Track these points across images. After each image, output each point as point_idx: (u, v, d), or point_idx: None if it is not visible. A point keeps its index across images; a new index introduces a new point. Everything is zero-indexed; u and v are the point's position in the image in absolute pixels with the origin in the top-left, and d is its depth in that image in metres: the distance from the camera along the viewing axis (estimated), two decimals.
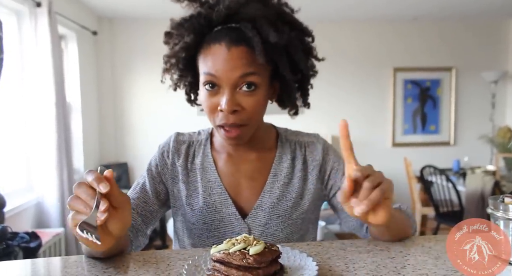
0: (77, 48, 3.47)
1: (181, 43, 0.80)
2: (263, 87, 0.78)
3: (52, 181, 2.73)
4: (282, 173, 0.89)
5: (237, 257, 0.59)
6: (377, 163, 4.11)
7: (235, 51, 0.75)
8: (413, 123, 4.46)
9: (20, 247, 1.87)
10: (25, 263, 0.78)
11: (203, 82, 0.78)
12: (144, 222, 0.86)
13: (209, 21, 0.78)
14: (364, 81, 4.37)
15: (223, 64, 0.74)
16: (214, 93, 0.77)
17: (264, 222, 0.85)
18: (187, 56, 0.81)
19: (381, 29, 4.33)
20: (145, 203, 0.87)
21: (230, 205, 0.86)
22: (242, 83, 0.75)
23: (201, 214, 0.86)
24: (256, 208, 0.86)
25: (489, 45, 4.43)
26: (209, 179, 0.88)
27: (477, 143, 4.16)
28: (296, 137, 0.93)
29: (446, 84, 4.44)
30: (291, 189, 0.88)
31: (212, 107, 0.78)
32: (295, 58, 0.80)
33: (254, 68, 0.75)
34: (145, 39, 4.03)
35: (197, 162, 0.90)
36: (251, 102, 0.76)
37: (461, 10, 3.96)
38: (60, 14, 2.95)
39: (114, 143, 4.11)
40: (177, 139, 0.92)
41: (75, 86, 3.47)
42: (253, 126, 0.81)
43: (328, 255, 0.72)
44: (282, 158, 0.90)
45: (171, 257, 0.73)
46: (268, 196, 0.86)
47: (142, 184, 0.89)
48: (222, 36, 0.76)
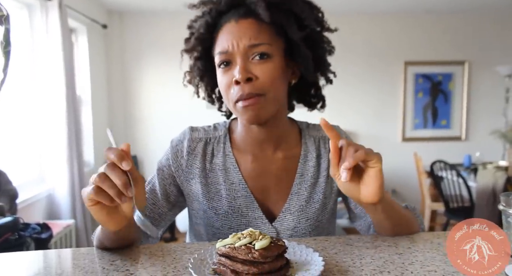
0: (87, 41, 3.49)
1: (196, 34, 0.80)
2: (277, 58, 0.76)
3: (63, 173, 2.77)
4: (308, 173, 0.85)
5: (242, 251, 0.59)
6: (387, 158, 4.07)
7: (244, 23, 0.75)
8: (424, 117, 4.40)
9: (32, 238, 1.90)
10: (37, 254, 0.79)
11: (218, 63, 0.77)
12: (153, 224, 0.85)
13: (219, 11, 0.79)
14: (374, 75, 4.31)
15: (233, 35, 0.75)
16: (228, 70, 0.76)
17: (293, 226, 0.83)
18: (203, 50, 0.81)
19: (391, 22, 4.26)
20: (153, 205, 0.85)
21: (257, 209, 0.82)
22: (254, 53, 0.74)
23: (226, 218, 0.83)
24: (284, 212, 0.83)
25: (503, 38, 4.33)
26: (233, 181, 0.84)
27: (489, 138, 4.08)
28: (319, 132, 0.90)
29: (459, 78, 4.36)
30: (318, 190, 0.85)
31: (228, 82, 0.76)
32: (301, 15, 0.77)
33: (264, 39, 0.75)
34: (155, 33, 4.03)
35: (217, 162, 0.85)
36: (264, 69, 0.74)
37: (474, 2, 3.87)
38: (71, 7, 2.97)
39: (123, 136, 4.14)
40: (192, 137, 0.86)
41: (85, 79, 3.49)
42: (271, 100, 0.76)
43: (334, 250, 0.72)
44: (307, 157, 0.87)
45: (178, 251, 0.74)
46: (296, 198, 0.84)
47: (152, 184, 0.86)
48: (231, 15, 0.77)
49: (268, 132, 0.83)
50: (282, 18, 0.76)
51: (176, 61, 0.90)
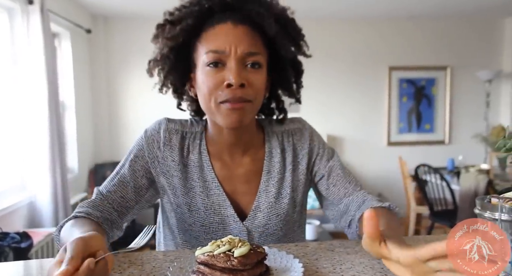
0: (70, 46, 3.44)
1: (182, 25, 0.77)
2: (264, 69, 0.79)
3: (45, 180, 2.71)
4: (275, 169, 0.87)
5: (221, 259, 0.58)
6: (373, 162, 4.09)
7: (242, 28, 0.76)
8: (408, 122, 4.47)
9: (10, 247, 1.85)
10: (17, 265, 0.77)
11: (206, 62, 0.75)
12: (120, 217, 0.83)
13: (210, 8, 0.78)
14: (359, 80, 4.37)
15: (231, 39, 0.74)
16: (218, 70, 0.75)
17: (264, 223, 0.84)
18: (183, 42, 0.78)
19: (376, 27, 4.33)
20: (122, 198, 0.83)
21: (229, 207, 0.83)
22: (248, 61, 0.75)
23: (198, 215, 0.83)
24: (255, 210, 0.84)
25: (483, 44, 4.44)
26: (206, 178, 0.84)
27: (471, 142, 4.17)
28: (282, 126, 0.91)
29: (441, 83, 4.45)
30: (285, 184, 0.87)
31: (217, 83, 0.74)
32: (297, 36, 0.82)
33: (258, 49, 0.77)
34: (140, 38, 4.00)
35: (192, 158, 0.85)
36: (257, 78, 0.76)
37: (456, 9, 3.96)
38: (53, 11, 2.93)
39: (108, 142, 4.09)
40: (168, 127, 0.85)
41: (69, 85, 3.44)
42: (255, 108, 0.79)
43: (315, 256, 0.72)
44: (272, 153, 0.88)
45: (157, 259, 0.73)
46: (264, 195, 0.85)
47: (121, 176, 0.83)
48: (226, 17, 0.77)
49: (238, 137, 0.84)
50: (282, 37, 0.78)
51: None
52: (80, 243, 0.55)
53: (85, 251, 0.55)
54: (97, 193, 0.84)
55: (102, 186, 0.85)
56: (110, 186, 0.84)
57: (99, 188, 0.85)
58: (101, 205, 0.81)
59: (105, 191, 0.84)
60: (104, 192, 0.84)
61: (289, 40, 0.80)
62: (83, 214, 0.76)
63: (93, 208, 0.79)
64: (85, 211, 0.77)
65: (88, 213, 0.76)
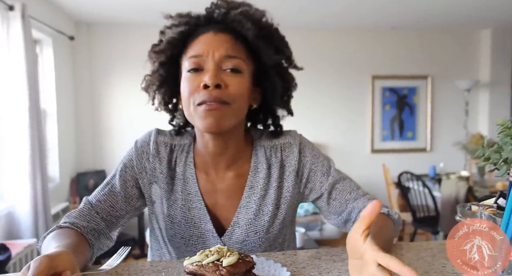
0: (52, 53, 3.39)
1: (168, 38, 0.80)
2: (246, 76, 0.79)
3: (25, 190, 2.64)
4: (258, 185, 0.85)
5: (210, 269, 0.58)
6: (357, 170, 4.13)
7: (221, 36, 0.78)
8: (391, 129, 4.55)
9: None
10: None
11: (187, 68, 0.77)
12: (108, 227, 0.82)
13: (196, 24, 0.81)
14: (343, 88, 4.44)
15: (209, 44, 0.76)
16: (197, 75, 0.76)
17: (242, 239, 0.83)
18: (171, 56, 0.81)
19: (360, 37, 4.42)
20: (111, 207, 0.82)
21: (208, 222, 0.82)
22: (227, 65, 0.76)
23: (179, 228, 0.83)
24: (233, 225, 0.83)
25: (462, 54, 4.58)
26: (190, 191, 0.84)
27: (452, 150, 4.27)
28: (272, 141, 0.88)
29: (423, 91, 4.56)
30: (267, 201, 0.84)
31: (194, 86, 0.76)
32: (279, 43, 0.82)
33: (237, 53, 0.77)
34: (124, 45, 3.98)
35: (178, 170, 0.85)
36: (235, 81, 0.76)
37: (436, 21, 4.09)
38: (35, 18, 2.88)
39: (91, 150, 4.02)
40: (158, 140, 0.86)
41: (51, 92, 3.38)
42: (234, 112, 0.76)
43: (303, 264, 0.72)
44: (257, 168, 0.85)
45: (145, 270, 0.72)
46: (244, 212, 0.83)
47: (112, 186, 0.83)
48: (209, 27, 0.79)
49: (223, 147, 0.82)
50: (261, 40, 0.79)
51: (144, 73, 0.88)
52: (44, 262, 0.53)
53: (49, 270, 0.53)
54: (85, 202, 0.83)
55: (91, 196, 0.84)
56: (100, 196, 0.83)
57: (88, 198, 0.84)
58: (89, 215, 0.80)
59: (94, 200, 0.83)
60: (93, 201, 0.82)
61: (269, 45, 0.80)
62: (67, 225, 0.74)
63: (80, 217, 0.78)
64: (71, 221, 0.76)
65: (73, 223, 0.75)
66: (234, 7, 0.80)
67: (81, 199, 0.86)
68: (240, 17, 0.78)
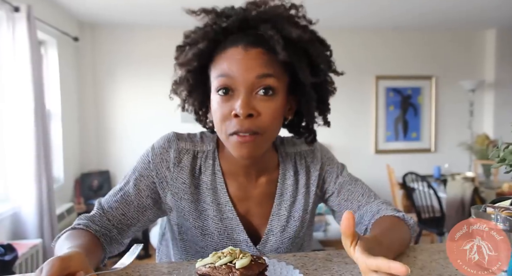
0: (57, 54, 3.40)
1: (194, 49, 0.73)
2: (280, 94, 0.73)
3: (30, 190, 2.64)
4: (287, 192, 0.85)
5: (223, 271, 0.57)
6: (361, 170, 4.13)
7: (252, 52, 0.70)
8: (395, 130, 4.53)
9: None
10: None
11: (216, 87, 0.72)
12: (119, 234, 0.80)
13: (225, 29, 0.73)
14: (347, 88, 4.41)
15: (239, 64, 0.70)
16: (228, 99, 0.71)
17: (276, 247, 0.83)
18: (199, 66, 0.75)
19: (364, 37, 4.41)
20: (123, 216, 0.79)
21: (242, 232, 0.81)
22: (259, 86, 0.70)
23: (212, 239, 0.81)
24: (267, 233, 0.83)
25: (466, 54, 4.56)
26: (220, 201, 0.81)
27: (456, 150, 4.25)
28: (295, 147, 0.88)
29: (427, 92, 4.54)
30: (297, 208, 0.85)
31: (225, 113, 0.70)
32: (317, 59, 0.75)
33: (271, 70, 0.71)
34: (128, 46, 3.98)
35: (205, 179, 0.81)
36: (268, 107, 0.70)
37: (440, 21, 4.07)
38: (40, 19, 2.89)
39: (95, 151, 4.03)
40: (179, 147, 0.80)
41: (55, 93, 3.39)
42: (267, 139, 0.73)
43: (314, 266, 0.72)
44: (285, 176, 0.86)
45: (155, 271, 0.71)
46: (277, 219, 0.83)
47: (125, 193, 0.79)
48: (239, 40, 0.72)
49: (254, 161, 0.80)
50: (297, 58, 0.72)
51: (148, 74, 0.87)
52: (56, 264, 0.53)
53: (62, 272, 0.53)
54: (98, 207, 0.81)
55: (104, 200, 0.81)
56: (112, 202, 0.80)
57: (101, 202, 0.81)
58: (100, 221, 0.78)
59: (107, 206, 0.80)
60: (105, 207, 0.80)
61: (305, 65, 0.73)
62: (81, 226, 0.74)
63: (93, 222, 0.77)
64: (85, 223, 0.76)
65: (86, 225, 0.75)
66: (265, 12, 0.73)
67: (86, 200, 0.85)
68: (272, 31, 0.70)
